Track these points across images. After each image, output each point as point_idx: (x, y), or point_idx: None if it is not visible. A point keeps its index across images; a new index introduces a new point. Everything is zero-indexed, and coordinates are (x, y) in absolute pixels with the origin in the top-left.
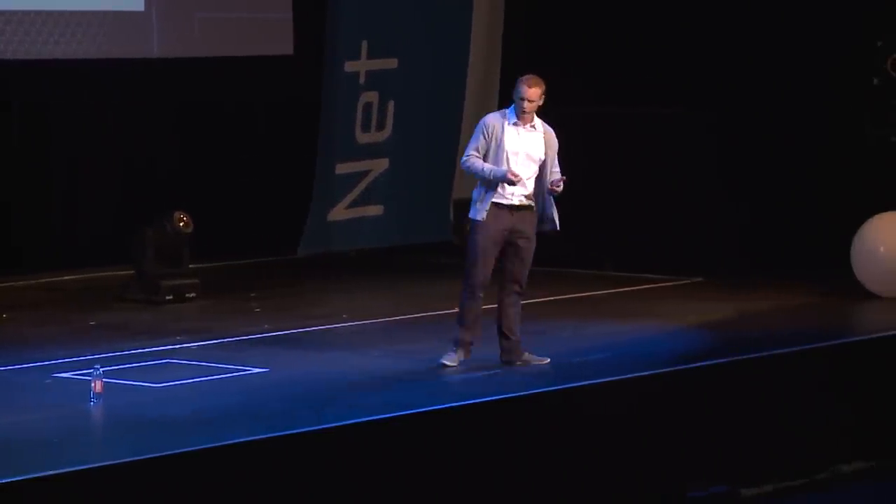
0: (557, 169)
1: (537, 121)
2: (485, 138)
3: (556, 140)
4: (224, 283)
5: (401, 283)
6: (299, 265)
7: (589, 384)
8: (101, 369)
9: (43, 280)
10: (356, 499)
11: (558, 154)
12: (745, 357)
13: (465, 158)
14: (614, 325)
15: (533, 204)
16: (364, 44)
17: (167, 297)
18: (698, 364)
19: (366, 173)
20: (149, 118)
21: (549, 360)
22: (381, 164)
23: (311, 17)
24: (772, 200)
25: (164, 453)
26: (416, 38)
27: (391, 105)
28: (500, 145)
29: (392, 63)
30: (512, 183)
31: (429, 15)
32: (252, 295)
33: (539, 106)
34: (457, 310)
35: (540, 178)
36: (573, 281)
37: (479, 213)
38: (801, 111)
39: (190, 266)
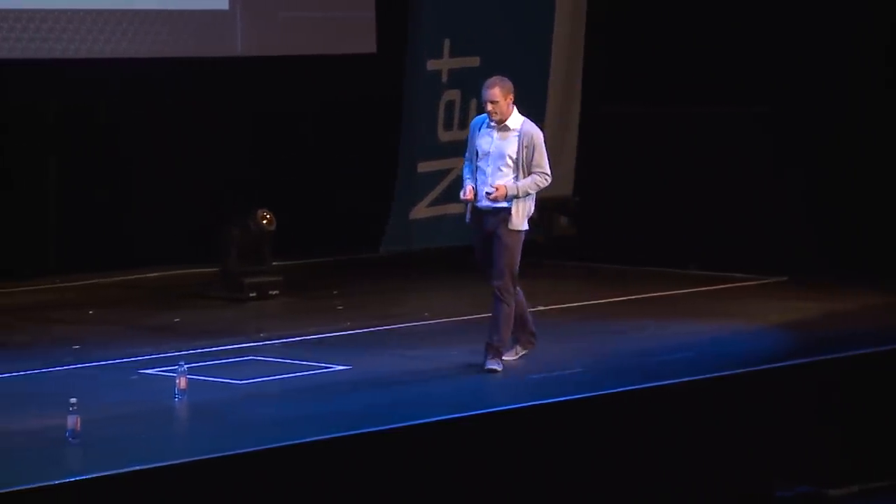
0: (540, 169)
1: (516, 120)
2: (470, 140)
3: (535, 138)
4: (307, 280)
5: (481, 281)
6: (381, 263)
7: (672, 383)
8: (185, 366)
9: (128, 277)
10: (438, 496)
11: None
12: (829, 357)
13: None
14: (697, 324)
15: (506, 205)
16: (447, 42)
17: (250, 295)
18: (782, 364)
19: (448, 171)
20: (232, 116)
21: (495, 368)
22: (463, 163)
23: (393, 16)
24: (857, 199)
25: (247, 450)
26: (499, 37)
27: (473, 103)
28: (474, 146)
29: (474, 61)
30: (463, 200)
31: (511, 13)
32: (334, 293)
33: (509, 104)
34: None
35: (516, 179)
36: (656, 280)
37: (467, 214)
38: (888, 109)
39: (273, 264)
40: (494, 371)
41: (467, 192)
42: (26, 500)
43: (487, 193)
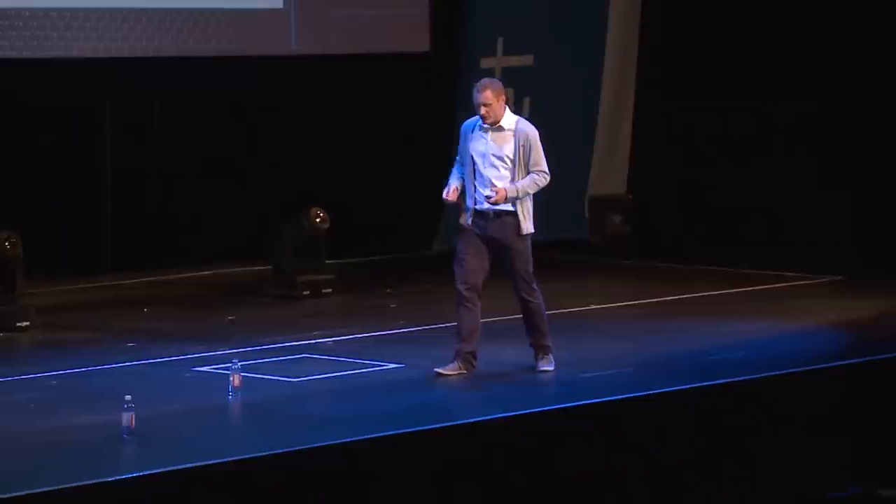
0: (539, 168)
1: (510, 119)
2: (461, 142)
3: (531, 137)
4: (360, 278)
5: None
6: (434, 261)
7: (726, 383)
8: (239, 364)
9: (183, 276)
10: (493, 495)
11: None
12: (884, 357)
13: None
14: (751, 323)
15: (511, 208)
16: (500, 40)
17: (304, 293)
18: (836, 363)
19: None
20: (286, 115)
21: (551, 368)
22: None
23: (447, 14)
24: None
25: (300, 447)
26: (552, 35)
27: (527, 102)
28: (466, 149)
29: (528, 59)
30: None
31: (565, 11)
32: (388, 291)
33: (502, 105)
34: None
35: (514, 179)
36: (709, 279)
37: (462, 216)
38: None
39: (326, 262)
40: (547, 371)
41: (450, 192)
42: (81, 497)
43: (488, 197)
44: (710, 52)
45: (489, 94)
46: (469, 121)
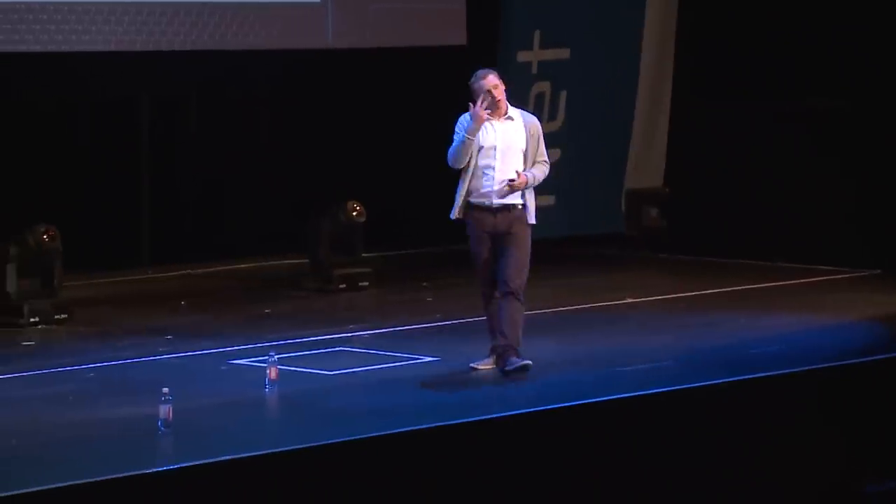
0: (543, 159)
1: (514, 111)
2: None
3: (537, 126)
4: (396, 272)
5: (571, 273)
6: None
7: (763, 377)
8: (275, 356)
9: (220, 269)
10: (531, 487)
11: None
12: None
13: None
14: (788, 317)
15: (519, 202)
16: (537, 34)
17: (340, 286)
18: (874, 357)
19: None
20: (322, 108)
21: (530, 362)
22: (554, 155)
23: (483, 8)
24: None
25: (336, 440)
26: (589, 28)
27: (563, 95)
28: (476, 143)
29: (564, 53)
30: (478, 122)
31: (602, 4)
32: (424, 284)
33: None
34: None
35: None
36: (745, 273)
37: (454, 210)
38: None
39: (363, 255)
40: (529, 366)
41: (478, 109)
42: (118, 489)
43: (511, 181)
44: (747, 48)
45: (493, 78)
46: (466, 115)
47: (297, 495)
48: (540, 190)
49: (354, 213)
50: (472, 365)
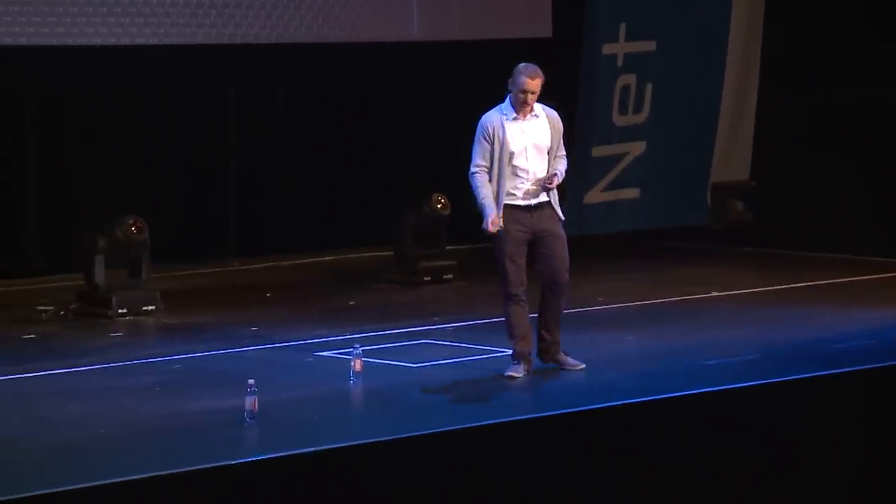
0: (563, 153)
1: (537, 106)
2: (487, 141)
3: (559, 122)
4: (481, 264)
5: (655, 267)
6: None
7: (851, 371)
8: (360, 349)
9: (305, 261)
10: (614, 478)
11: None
12: None
13: (472, 171)
14: (876, 311)
15: (546, 198)
16: (622, 26)
17: (425, 279)
18: None
19: (623, 156)
20: (407, 101)
21: (584, 365)
22: (639, 147)
23: (569, 0)
24: None
25: (420, 432)
26: (675, 21)
27: (649, 87)
28: (503, 146)
29: (650, 45)
30: (487, 232)
31: None
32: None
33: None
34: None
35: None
36: (833, 266)
37: (491, 219)
38: None
39: (448, 248)
40: (581, 368)
41: (493, 222)
42: (204, 480)
43: (548, 182)
44: (835, 38)
45: (539, 83)
46: (491, 113)
47: (381, 487)
48: (624, 183)
49: (439, 206)
50: (508, 373)
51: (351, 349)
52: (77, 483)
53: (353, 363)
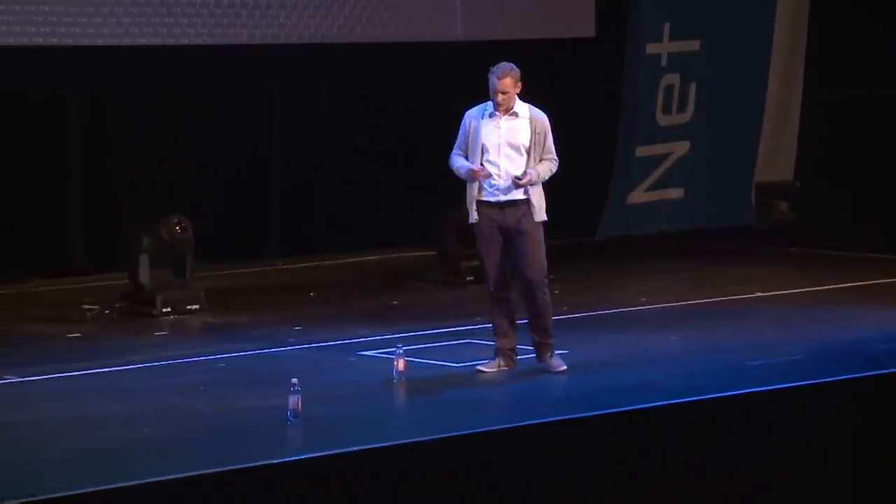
0: (551, 155)
1: (522, 106)
2: (465, 133)
3: (544, 123)
4: None
5: (699, 266)
6: (598, 248)
7: (893, 372)
8: (403, 348)
9: (348, 261)
10: (662, 481)
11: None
12: None
13: (451, 155)
14: None
15: (523, 196)
16: (666, 26)
17: (468, 279)
18: None
19: (666, 156)
20: (451, 100)
21: (565, 367)
22: (683, 147)
23: (613, 0)
24: None
25: (463, 432)
26: (719, 20)
27: (693, 87)
28: (475, 139)
29: (694, 45)
30: (474, 179)
31: None
32: (551, 277)
33: (517, 92)
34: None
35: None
36: (877, 266)
37: (471, 215)
38: None
39: None
40: (563, 371)
41: (475, 170)
42: (247, 479)
43: (518, 178)
44: (880, 38)
45: (508, 82)
46: (474, 109)
47: (425, 486)
48: (668, 183)
49: None
50: (478, 368)
51: (394, 349)
52: (120, 482)
53: (395, 362)
